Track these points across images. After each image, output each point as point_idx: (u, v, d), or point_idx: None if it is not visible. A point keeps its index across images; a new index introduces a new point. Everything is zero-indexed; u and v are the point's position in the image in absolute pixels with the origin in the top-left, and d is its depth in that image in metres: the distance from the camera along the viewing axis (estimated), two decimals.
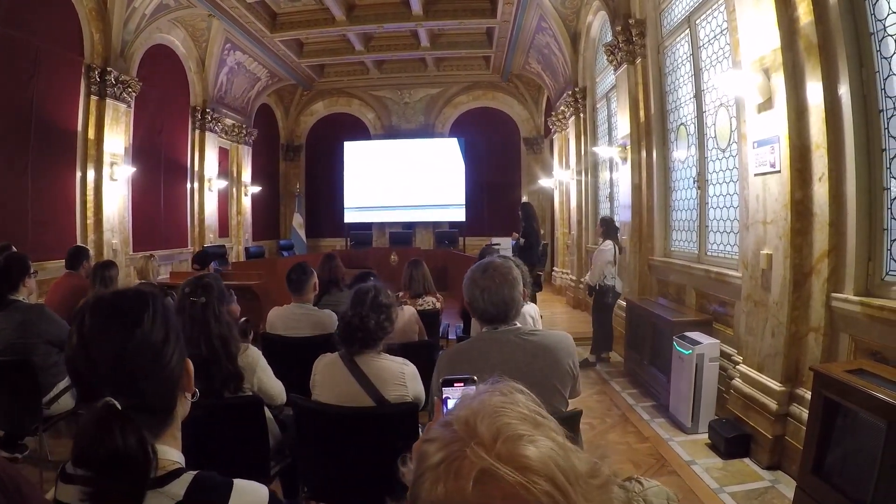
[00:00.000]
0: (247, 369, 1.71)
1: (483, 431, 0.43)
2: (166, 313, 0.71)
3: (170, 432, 0.69)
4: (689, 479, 2.35)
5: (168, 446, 0.67)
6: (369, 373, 1.51)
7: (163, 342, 0.68)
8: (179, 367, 0.70)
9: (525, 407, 0.47)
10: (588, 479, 0.44)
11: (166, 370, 0.68)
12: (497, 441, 0.42)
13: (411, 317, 2.47)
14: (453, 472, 0.40)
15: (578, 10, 5.89)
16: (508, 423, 0.44)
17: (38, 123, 4.79)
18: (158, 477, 0.63)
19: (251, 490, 0.68)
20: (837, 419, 1.91)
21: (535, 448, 0.42)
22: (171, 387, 0.69)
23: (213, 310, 1.68)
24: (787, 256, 2.38)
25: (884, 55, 2.09)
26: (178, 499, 0.62)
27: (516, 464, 0.41)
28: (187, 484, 0.64)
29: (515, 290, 1.34)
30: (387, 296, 1.58)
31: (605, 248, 4.15)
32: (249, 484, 0.68)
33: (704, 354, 2.76)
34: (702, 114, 3.54)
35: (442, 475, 0.41)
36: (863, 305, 2.09)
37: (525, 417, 0.46)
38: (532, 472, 0.40)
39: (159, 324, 0.68)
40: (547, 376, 1.32)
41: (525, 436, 0.43)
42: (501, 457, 0.41)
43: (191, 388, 0.73)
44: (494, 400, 0.47)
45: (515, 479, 0.40)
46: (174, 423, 0.70)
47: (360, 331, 1.50)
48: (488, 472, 0.40)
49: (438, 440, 0.44)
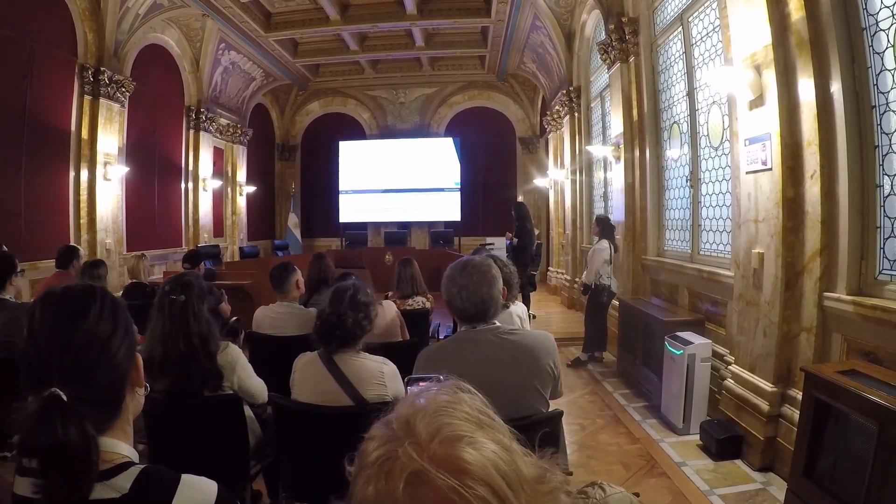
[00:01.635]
0: (226, 367, 1.69)
1: (420, 431, 0.41)
2: (115, 308, 0.71)
3: (119, 426, 0.69)
4: (679, 480, 2.31)
5: (118, 440, 0.67)
6: (348, 372, 1.48)
7: (109, 335, 0.68)
8: (128, 360, 0.70)
9: (471, 407, 0.45)
10: (535, 486, 0.42)
11: (113, 363, 0.68)
12: (433, 441, 0.40)
13: (394, 316, 2.44)
14: (385, 472, 0.39)
15: (573, 9, 5.87)
16: (449, 422, 0.42)
17: (32, 123, 4.76)
18: (105, 470, 0.63)
19: (199, 485, 0.67)
20: (829, 421, 1.88)
21: (475, 451, 0.40)
22: (119, 380, 0.69)
23: (193, 308, 1.67)
24: (779, 255, 2.35)
25: (876, 50, 2.06)
26: (124, 492, 0.62)
27: (451, 466, 0.38)
28: (134, 477, 0.64)
29: (494, 288, 1.31)
30: (366, 294, 1.55)
31: (601, 247, 4.13)
32: (198, 479, 0.68)
33: (696, 354, 2.73)
34: (694, 112, 3.51)
35: (374, 475, 0.39)
36: (855, 305, 2.06)
37: (469, 418, 0.43)
38: (468, 476, 0.38)
39: (106, 317, 0.69)
40: (526, 376, 1.29)
41: (465, 437, 0.41)
42: (436, 458, 0.39)
43: (141, 383, 0.73)
44: (439, 398, 0.45)
45: (448, 483, 0.37)
46: (123, 416, 0.70)
47: (337, 329, 1.48)
48: (420, 474, 0.38)
49: (377, 438, 0.42)
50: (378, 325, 2.42)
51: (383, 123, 9.99)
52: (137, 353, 0.73)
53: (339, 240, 9.55)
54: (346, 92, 9.90)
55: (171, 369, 1.63)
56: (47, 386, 0.61)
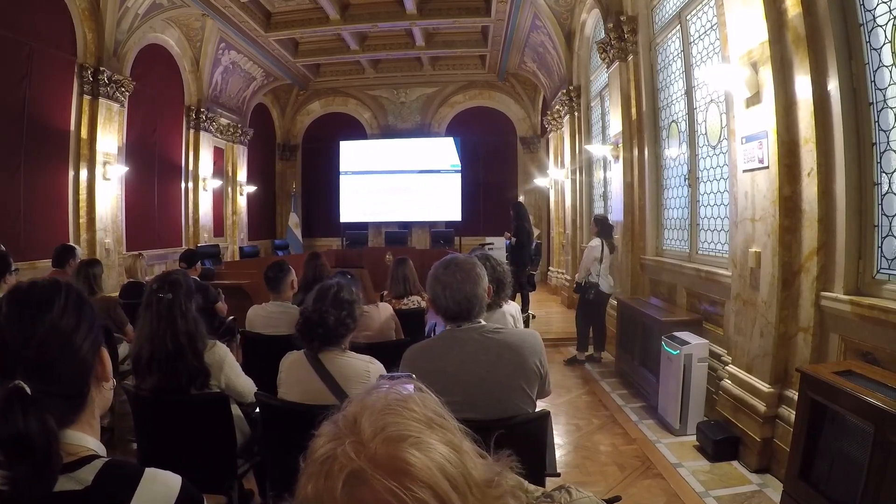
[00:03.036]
0: (213, 366, 1.69)
1: (365, 429, 0.40)
2: (80, 303, 0.72)
3: (85, 420, 0.69)
4: (674, 482, 2.29)
5: (83, 433, 0.68)
6: (333, 371, 1.47)
7: (73, 329, 0.69)
8: (92, 354, 0.71)
9: (422, 406, 0.44)
10: (484, 489, 0.41)
11: (77, 357, 0.68)
12: (375, 440, 0.39)
13: (389, 316, 2.43)
14: (325, 471, 0.38)
15: (573, 8, 5.84)
16: (395, 422, 0.41)
17: (31, 123, 4.78)
18: (69, 462, 0.63)
19: (162, 479, 0.68)
20: (825, 422, 1.85)
21: (419, 451, 0.38)
22: (83, 374, 0.70)
23: (180, 306, 1.67)
24: (776, 254, 2.32)
25: (873, 46, 2.03)
26: (87, 484, 0.63)
27: (392, 467, 0.37)
28: (97, 470, 0.64)
29: (479, 286, 1.30)
30: (350, 292, 1.54)
31: (593, 244, 4.12)
32: (162, 473, 0.68)
33: (693, 355, 2.70)
34: (692, 110, 3.48)
35: (314, 474, 0.39)
36: (853, 305, 2.02)
37: (418, 417, 0.42)
38: (409, 477, 0.37)
39: (70, 312, 0.69)
40: (511, 375, 1.27)
41: (410, 437, 0.40)
42: (377, 458, 0.38)
43: (106, 378, 0.74)
44: (389, 397, 0.44)
45: (386, 485, 0.36)
46: (89, 410, 0.71)
47: (319, 326, 1.46)
48: (358, 474, 0.37)
49: (323, 436, 0.42)
50: (372, 325, 2.43)
51: (384, 123, 9.99)
52: (104, 349, 0.73)
53: (339, 239, 9.55)
54: (347, 92, 9.90)
55: (159, 367, 1.63)
56: (11, 378, 0.61)
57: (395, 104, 9.90)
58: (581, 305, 4.19)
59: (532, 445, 1.31)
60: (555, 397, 3.51)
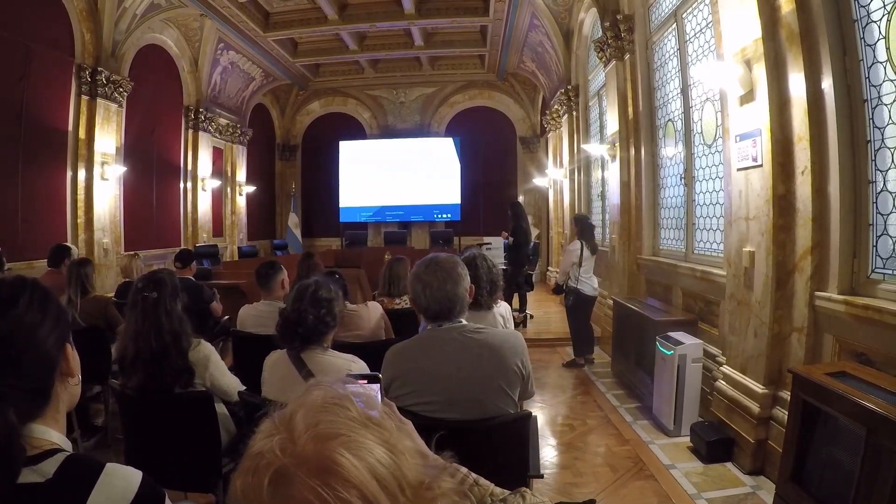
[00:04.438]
0: (197, 364, 1.69)
1: (297, 426, 0.40)
2: (45, 299, 0.73)
3: (50, 414, 0.70)
4: (666, 483, 2.26)
5: (48, 427, 0.69)
6: (314, 369, 1.46)
7: (37, 325, 0.69)
8: (57, 350, 0.72)
9: (360, 405, 0.43)
10: (419, 490, 0.40)
11: (41, 351, 0.69)
12: (305, 437, 0.38)
13: (379, 316, 2.42)
14: (253, 468, 0.38)
15: (571, 8, 5.82)
16: (329, 419, 0.40)
17: (29, 123, 4.79)
18: (33, 455, 0.64)
19: (122, 474, 0.69)
20: (817, 425, 1.83)
21: (348, 451, 0.38)
22: (48, 369, 0.71)
23: (165, 305, 1.68)
24: (770, 254, 2.30)
25: (868, 42, 2.00)
26: (49, 477, 0.64)
27: (318, 466, 0.37)
28: (59, 463, 0.65)
29: (459, 286, 1.28)
30: (328, 290, 1.53)
31: (572, 248, 4.05)
32: (123, 468, 0.70)
33: (687, 355, 2.68)
34: (688, 109, 3.46)
35: (244, 470, 0.39)
36: (847, 305, 2.00)
37: (353, 416, 0.41)
38: (335, 477, 0.36)
39: (36, 307, 0.70)
40: (492, 376, 1.25)
41: (341, 436, 0.39)
42: (304, 455, 0.37)
43: (72, 373, 0.74)
44: (328, 395, 0.43)
45: (310, 483, 0.35)
46: (54, 405, 0.71)
47: (299, 326, 1.45)
48: (283, 472, 0.36)
49: (261, 432, 0.41)
50: (362, 325, 2.41)
51: (384, 123, 9.99)
52: (69, 344, 0.74)
53: (339, 239, 9.55)
54: (347, 92, 9.90)
55: (144, 366, 1.63)
56: None
57: (395, 104, 9.89)
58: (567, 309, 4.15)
59: (513, 446, 1.30)
60: (550, 398, 3.49)
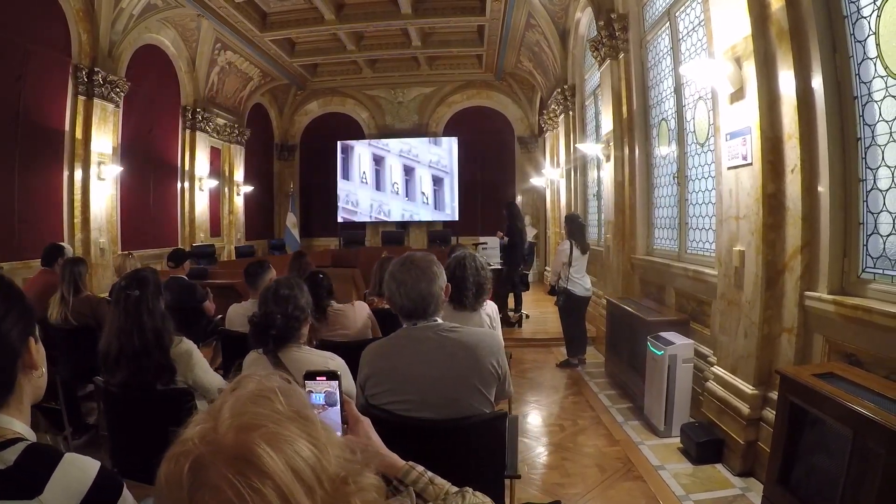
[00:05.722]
0: (179, 361, 1.70)
1: (223, 416, 0.41)
2: (9, 293, 0.75)
3: (14, 405, 0.73)
4: (654, 484, 2.24)
5: (11, 417, 0.71)
6: (291, 367, 1.45)
7: (1, 317, 0.71)
8: (20, 342, 0.73)
9: (289, 399, 0.44)
10: (339, 485, 0.41)
11: (3, 343, 0.71)
12: (229, 428, 0.39)
13: (366, 315, 2.41)
14: (175, 456, 0.39)
15: (567, 7, 5.80)
16: (255, 411, 0.41)
17: (26, 123, 4.81)
18: None
19: (80, 463, 0.70)
20: (805, 426, 1.80)
21: (268, 442, 0.38)
22: (10, 360, 0.73)
23: (147, 303, 1.70)
24: (760, 253, 2.27)
25: (858, 38, 1.98)
26: (9, 464, 0.65)
27: (236, 455, 0.37)
28: (19, 451, 0.67)
29: (434, 284, 1.27)
30: (288, 286, 1.53)
31: (562, 248, 4.01)
32: (82, 458, 0.71)
33: (677, 355, 2.65)
34: (681, 108, 3.44)
35: (167, 458, 0.39)
36: (836, 305, 1.97)
37: (280, 409, 0.42)
38: (251, 467, 0.37)
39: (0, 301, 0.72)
40: (466, 375, 1.24)
41: (263, 427, 0.40)
42: (223, 445, 0.38)
43: (35, 366, 0.76)
44: (258, 387, 0.44)
45: (226, 473, 0.36)
46: (17, 396, 0.73)
47: (270, 328, 1.45)
48: (202, 461, 0.38)
49: (192, 422, 0.42)
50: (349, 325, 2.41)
51: (382, 123, 9.99)
52: (32, 338, 0.75)
53: (337, 239, 9.55)
54: (345, 92, 9.91)
55: (127, 363, 1.65)
56: None
57: (393, 104, 9.89)
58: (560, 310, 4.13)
59: (489, 446, 1.28)
60: (542, 398, 3.47)
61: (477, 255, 2.23)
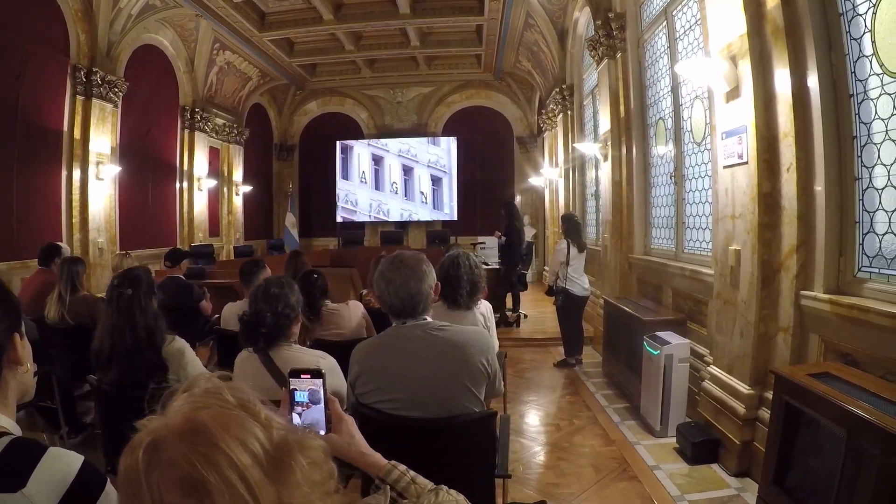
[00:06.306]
0: (171, 360, 1.70)
1: (172, 407, 0.43)
2: None
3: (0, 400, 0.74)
4: (650, 485, 2.23)
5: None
6: (281, 366, 1.45)
7: None
8: (5, 338, 0.74)
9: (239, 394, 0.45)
10: (283, 444, 0.42)
11: None
12: (175, 412, 0.41)
13: (361, 315, 2.40)
14: (131, 448, 0.40)
15: (565, 7, 5.79)
16: (205, 401, 0.43)
17: (24, 123, 4.81)
18: None
19: (64, 458, 0.71)
20: (800, 427, 1.79)
21: (215, 419, 0.41)
22: None
23: (140, 302, 1.71)
24: (755, 252, 2.26)
25: (854, 36, 1.97)
26: None
27: (187, 430, 0.39)
28: (4, 445, 0.68)
29: (423, 283, 1.26)
30: (278, 285, 1.53)
31: (559, 248, 3.99)
32: (66, 452, 0.72)
33: (673, 355, 2.64)
34: (678, 107, 3.43)
35: (124, 453, 0.41)
36: (832, 304, 1.96)
37: (228, 399, 0.44)
38: (201, 437, 0.39)
39: None
40: (455, 374, 1.23)
41: (210, 408, 0.41)
42: (173, 426, 0.40)
43: (20, 361, 0.76)
44: (207, 385, 0.46)
45: (178, 448, 0.38)
46: (2, 391, 0.74)
47: (261, 327, 1.45)
48: (155, 442, 0.39)
49: (153, 417, 0.43)
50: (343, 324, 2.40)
51: (381, 123, 9.98)
52: (17, 334, 0.76)
53: (337, 239, 9.55)
54: (344, 92, 9.90)
55: (119, 361, 1.65)
56: None
57: (392, 104, 9.89)
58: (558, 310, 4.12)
59: (479, 445, 1.27)
60: (539, 398, 3.46)
61: (471, 254, 2.22)
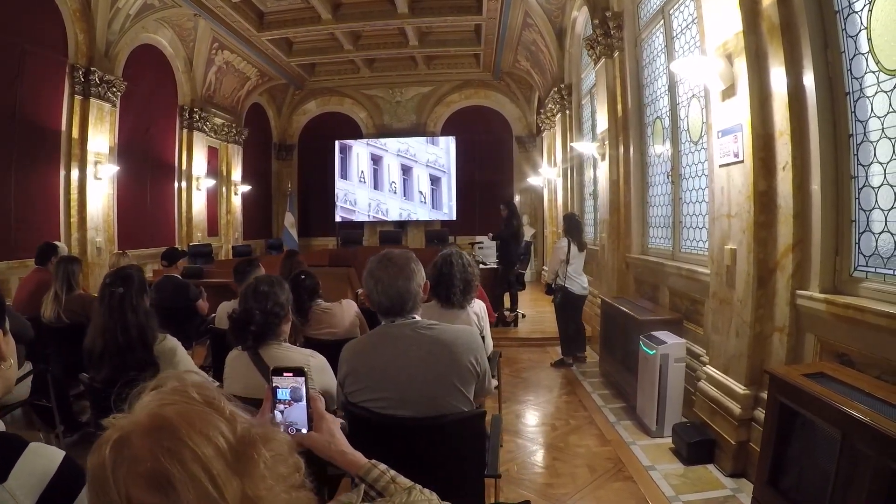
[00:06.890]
0: (162, 358, 1.71)
1: (138, 405, 0.43)
2: None
3: None
4: (644, 485, 2.22)
5: None
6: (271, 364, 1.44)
7: None
8: None
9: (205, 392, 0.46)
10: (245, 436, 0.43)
11: None
12: (140, 409, 0.42)
13: (354, 314, 2.39)
14: (97, 446, 0.41)
15: (563, 6, 5.78)
16: (171, 399, 0.43)
17: (22, 123, 4.81)
18: None
19: (45, 453, 0.71)
20: (795, 427, 1.78)
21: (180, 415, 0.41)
22: None
23: (131, 300, 1.72)
24: (751, 251, 2.25)
25: (850, 34, 1.95)
26: None
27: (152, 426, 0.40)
28: None
29: (412, 282, 1.25)
30: (268, 283, 1.53)
31: (559, 246, 3.99)
32: (47, 448, 0.72)
33: (669, 355, 2.63)
34: (675, 106, 3.41)
35: (91, 452, 0.41)
36: (827, 304, 1.95)
37: (193, 397, 0.44)
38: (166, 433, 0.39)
39: None
40: (444, 373, 1.22)
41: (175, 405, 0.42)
42: (138, 422, 0.41)
43: (3, 357, 0.77)
44: (174, 384, 0.46)
45: (143, 444, 0.39)
46: None
47: (251, 325, 1.44)
48: (121, 439, 0.40)
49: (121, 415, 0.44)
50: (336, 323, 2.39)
51: (380, 123, 9.98)
52: (0, 330, 0.76)
53: (336, 239, 9.55)
54: (343, 91, 9.90)
55: (111, 359, 1.66)
56: None
57: (391, 104, 9.88)
58: (555, 308, 4.11)
59: (468, 445, 1.26)
60: (534, 397, 3.45)
61: (464, 253, 2.22)
